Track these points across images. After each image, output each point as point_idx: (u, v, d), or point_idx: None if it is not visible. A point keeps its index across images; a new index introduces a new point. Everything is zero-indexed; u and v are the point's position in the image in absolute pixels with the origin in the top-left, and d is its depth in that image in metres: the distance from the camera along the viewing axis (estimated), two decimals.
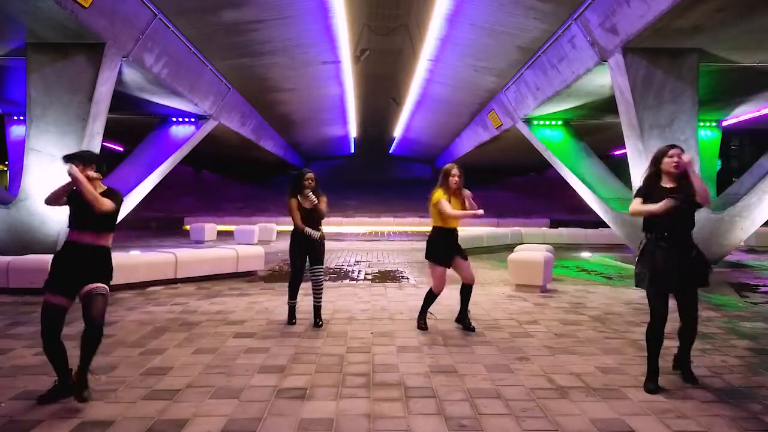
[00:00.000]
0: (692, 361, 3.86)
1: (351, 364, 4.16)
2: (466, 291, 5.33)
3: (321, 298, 5.54)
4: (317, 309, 5.52)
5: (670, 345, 4.68)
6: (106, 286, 3.42)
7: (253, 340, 4.87)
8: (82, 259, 3.36)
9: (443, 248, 5.18)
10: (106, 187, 3.53)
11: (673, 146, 3.70)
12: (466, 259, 5.26)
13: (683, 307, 3.67)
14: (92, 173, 3.43)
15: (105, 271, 3.46)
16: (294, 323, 5.50)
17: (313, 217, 5.37)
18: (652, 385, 3.59)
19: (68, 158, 3.38)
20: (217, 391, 3.54)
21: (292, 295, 5.57)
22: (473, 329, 5.27)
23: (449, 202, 5.09)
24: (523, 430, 2.97)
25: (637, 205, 3.68)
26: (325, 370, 3.98)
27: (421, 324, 5.35)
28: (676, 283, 3.56)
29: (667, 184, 3.66)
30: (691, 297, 3.63)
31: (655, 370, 3.64)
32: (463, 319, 5.38)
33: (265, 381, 3.75)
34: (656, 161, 3.72)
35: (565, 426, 3.01)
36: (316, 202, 5.30)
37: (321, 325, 5.42)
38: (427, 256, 5.28)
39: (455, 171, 5.14)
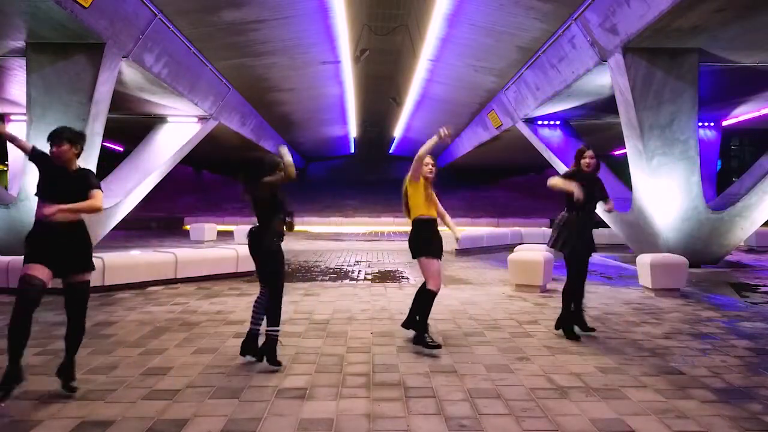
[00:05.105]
0: (584, 310, 5.29)
1: (351, 364, 4.15)
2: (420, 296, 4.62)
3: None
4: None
5: (670, 345, 4.69)
6: (89, 276, 3.37)
7: None
8: (61, 238, 3.22)
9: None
10: (79, 167, 3.36)
11: (588, 147, 4.97)
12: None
13: (582, 269, 5.03)
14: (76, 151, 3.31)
15: (87, 252, 3.34)
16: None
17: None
18: (566, 325, 4.99)
19: (55, 136, 3.24)
20: (217, 391, 3.54)
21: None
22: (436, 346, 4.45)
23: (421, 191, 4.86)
24: (523, 430, 2.97)
25: (556, 179, 5.01)
26: (325, 370, 3.98)
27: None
28: (586, 248, 4.93)
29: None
30: (586, 260, 5.10)
31: (571, 315, 5.02)
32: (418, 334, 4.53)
33: (265, 381, 3.75)
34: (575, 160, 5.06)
35: (565, 426, 3.01)
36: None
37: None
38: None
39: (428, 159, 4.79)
